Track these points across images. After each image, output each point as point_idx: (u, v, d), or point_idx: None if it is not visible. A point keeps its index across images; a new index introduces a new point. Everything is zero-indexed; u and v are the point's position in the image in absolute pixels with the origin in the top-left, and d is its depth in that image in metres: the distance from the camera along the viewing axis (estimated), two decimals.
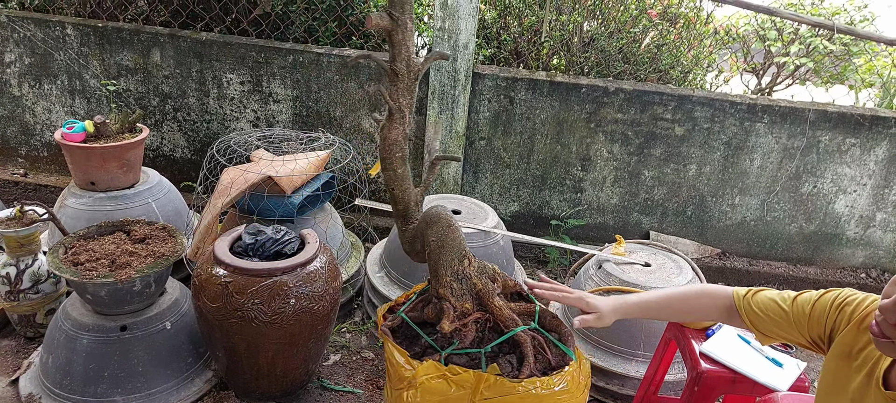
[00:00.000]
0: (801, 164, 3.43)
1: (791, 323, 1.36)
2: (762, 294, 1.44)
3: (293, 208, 2.66)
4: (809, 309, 1.33)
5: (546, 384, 1.24)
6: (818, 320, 1.31)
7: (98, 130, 2.79)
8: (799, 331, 1.35)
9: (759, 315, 1.41)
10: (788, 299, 1.38)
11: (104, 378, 2.24)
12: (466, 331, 1.38)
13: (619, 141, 3.47)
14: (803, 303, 1.35)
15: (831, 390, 1.28)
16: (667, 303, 1.53)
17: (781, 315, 1.37)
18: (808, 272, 3.62)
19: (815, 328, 1.32)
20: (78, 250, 2.28)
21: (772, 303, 1.40)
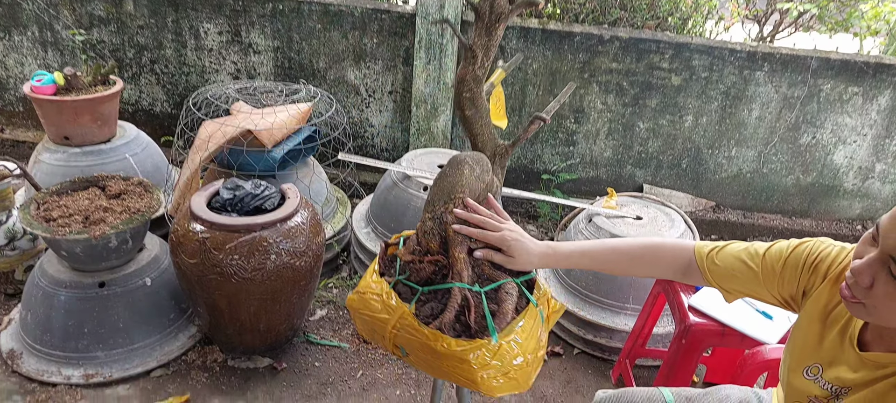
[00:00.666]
0: (801, 115, 3.33)
1: (760, 282, 1.24)
2: (727, 250, 1.30)
3: (274, 163, 2.59)
4: (780, 267, 1.21)
5: (445, 341, 1.20)
6: (790, 278, 1.21)
7: (69, 83, 2.69)
8: (769, 290, 1.24)
9: (723, 271, 1.28)
10: (757, 256, 1.25)
11: (84, 334, 2.21)
12: (420, 267, 1.34)
13: (614, 91, 3.37)
14: (773, 260, 1.23)
15: (803, 349, 1.21)
16: (611, 257, 1.36)
17: (748, 273, 1.25)
18: (804, 224, 3.57)
19: (787, 286, 1.22)
20: (50, 206, 2.22)
21: (737, 262, 1.27)
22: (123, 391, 2.19)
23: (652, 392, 1.55)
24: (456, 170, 1.41)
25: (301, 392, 2.26)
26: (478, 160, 1.45)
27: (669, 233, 2.52)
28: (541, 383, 2.41)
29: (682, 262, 1.33)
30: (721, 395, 1.53)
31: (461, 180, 1.39)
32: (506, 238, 1.32)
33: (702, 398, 1.53)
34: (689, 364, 1.95)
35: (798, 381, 1.21)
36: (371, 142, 3.65)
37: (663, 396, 1.53)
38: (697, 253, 1.32)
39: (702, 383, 2.48)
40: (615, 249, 1.37)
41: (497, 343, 1.19)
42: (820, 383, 1.16)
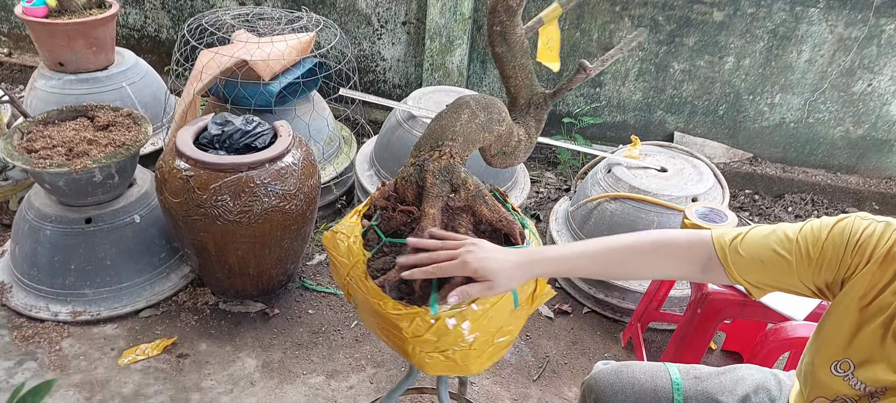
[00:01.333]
0: (857, 58, 3.00)
1: (792, 271, 1.03)
2: (752, 236, 1.08)
3: (271, 97, 2.43)
4: (818, 251, 1.01)
5: (383, 300, 1.08)
6: (830, 263, 1.00)
7: (62, 5, 2.55)
8: (801, 280, 1.04)
9: (750, 264, 1.06)
10: (788, 240, 1.03)
11: (71, 271, 2.14)
12: (390, 216, 1.21)
13: (647, 27, 3.07)
14: (808, 243, 1.02)
15: (833, 341, 1.03)
16: (615, 257, 1.13)
17: (779, 263, 1.04)
18: (849, 181, 3.28)
19: (824, 273, 1.01)
20: (35, 136, 2.12)
21: (766, 250, 1.05)
22: (111, 330, 2.14)
23: (656, 368, 1.38)
24: (452, 112, 1.23)
25: (291, 339, 2.17)
26: (486, 105, 1.25)
27: (696, 188, 2.31)
28: (544, 342, 2.28)
29: (700, 255, 1.10)
30: (735, 376, 1.35)
31: (454, 126, 1.21)
32: (468, 262, 1.05)
33: (713, 378, 1.36)
34: (704, 336, 1.77)
35: (824, 376, 1.04)
36: (382, 77, 3.45)
37: (669, 374, 1.36)
38: (717, 242, 1.09)
39: (719, 351, 2.31)
40: (619, 248, 1.14)
41: (435, 314, 1.05)
42: (850, 381, 1.00)
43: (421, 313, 1.05)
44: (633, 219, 2.28)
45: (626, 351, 2.28)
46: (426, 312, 1.05)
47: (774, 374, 1.36)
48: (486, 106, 1.25)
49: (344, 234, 1.22)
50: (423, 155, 1.21)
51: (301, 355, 2.12)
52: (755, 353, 1.63)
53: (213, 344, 2.12)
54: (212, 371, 2.03)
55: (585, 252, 1.13)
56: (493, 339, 1.10)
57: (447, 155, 1.19)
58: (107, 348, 2.07)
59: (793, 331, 1.60)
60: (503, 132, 1.30)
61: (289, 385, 2.01)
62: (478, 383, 2.09)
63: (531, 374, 2.15)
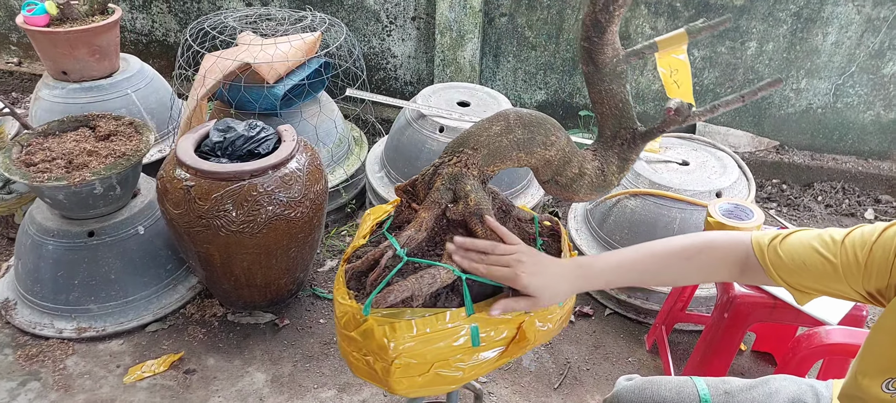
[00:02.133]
0: (887, 39, 2.85)
1: (839, 276, 0.96)
2: (794, 238, 1.02)
3: (276, 100, 2.36)
4: (866, 257, 0.93)
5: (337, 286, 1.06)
6: (880, 269, 0.92)
7: (63, 12, 2.50)
8: (850, 285, 0.96)
9: (790, 266, 1.00)
10: (834, 243, 0.97)
11: (75, 286, 2.10)
12: (401, 210, 1.18)
13: (666, 14, 2.95)
14: (855, 247, 0.95)
15: (885, 355, 0.94)
16: (657, 265, 1.09)
17: (824, 266, 0.97)
18: (882, 167, 3.13)
19: (875, 279, 0.94)
20: (34, 149, 2.07)
21: (809, 252, 0.98)
22: (116, 346, 2.09)
23: (683, 384, 1.28)
24: (485, 122, 1.12)
25: (302, 351, 2.11)
26: (529, 123, 1.13)
27: (720, 181, 2.19)
28: (565, 347, 2.18)
29: (738, 257, 1.05)
30: (769, 389, 1.25)
31: (480, 136, 1.09)
32: (519, 276, 1.01)
33: (744, 392, 1.26)
34: (732, 341, 1.67)
35: (874, 390, 0.95)
36: (393, 75, 3.37)
37: (697, 390, 1.27)
38: (756, 244, 1.03)
39: (750, 353, 2.19)
40: (663, 255, 1.09)
41: (366, 317, 0.97)
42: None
43: (352, 308, 0.99)
44: (654, 217, 2.17)
45: (651, 355, 2.18)
46: (358, 310, 0.98)
47: (811, 385, 1.26)
48: (528, 123, 1.13)
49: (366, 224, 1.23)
50: (444, 157, 1.13)
51: (312, 368, 2.05)
52: (787, 361, 1.52)
53: (222, 359, 2.06)
54: (220, 387, 1.97)
55: (631, 261, 1.10)
56: (430, 368, 1.01)
57: (461, 163, 1.10)
58: (112, 365, 2.02)
59: (827, 337, 1.49)
60: (553, 158, 1.15)
61: (299, 399, 1.94)
62: (496, 392, 2.00)
63: (552, 382, 2.06)
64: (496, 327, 1.03)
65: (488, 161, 1.11)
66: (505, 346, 1.05)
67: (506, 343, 1.05)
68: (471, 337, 1.00)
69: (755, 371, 2.13)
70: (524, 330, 1.04)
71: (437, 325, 0.98)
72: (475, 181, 1.11)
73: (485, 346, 1.02)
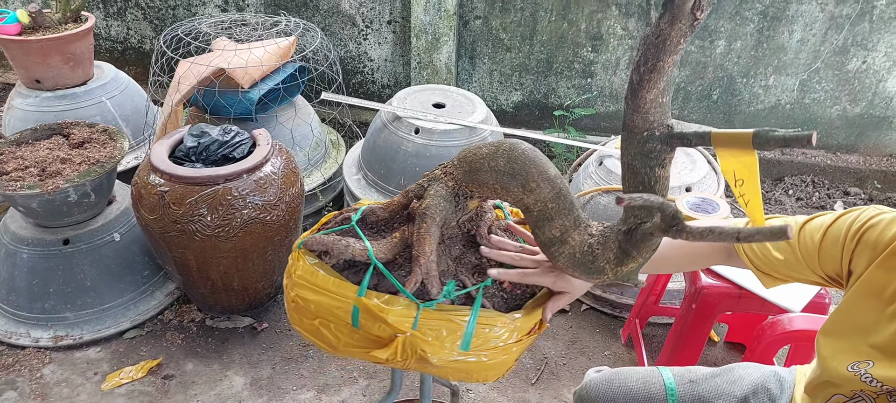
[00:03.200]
0: (850, 36, 2.93)
1: (799, 262, 1.03)
2: None
3: (251, 104, 2.37)
4: (820, 239, 1.00)
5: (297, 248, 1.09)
6: (830, 252, 0.98)
7: (35, 20, 2.49)
8: (810, 267, 1.03)
9: (760, 255, 1.08)
10: (794, 229, 1.04)
11: (50, 294, 2.09)
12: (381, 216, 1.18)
13: (636, 14, 3.01)
14: (812, 232, 1.01)
15: (849, 330, 0.98)
16: (667, 253, 1.13)
17: (788, 253, 1.04)
18: (849, 160, 3.21)
19: (829, 262, 1.00)
20: (6, 157, 2.06)
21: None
22: (94, 353, 2.08)
23: (649, 374, 1.32)
24: (485, 144, 1.08)
25: (281, 354, 2.12)
26: (514, 158, 1.01)
27: (690, 176, 2.24)
28: (542, 342, 2.21)
29: (725, 247, 1.15)
30: (732, 377, 1.29)
31: (470, 153, 1.02)
32: (550, 273, 1.06)
33: (708, 380, 1.29)
34: (701, 332, 1.71)
35: (841, 371, 0.99)
36: (371, 78, 3.39)
37: (663, 379, 1.30)
38: None
39: (722, 343, 2.24)
40: (670, 244, 1.11)
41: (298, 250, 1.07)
42: (867, 379, 0.95)
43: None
44: None
45: (626, 348, 2.22)
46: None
47: (775, 372, 1.30)
48: (514, 158, 1.02)
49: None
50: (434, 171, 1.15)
51: (291, 370, 2.06)
52: (753, 348, 1.57)
53: (200, 363, 2.07)
54: (198, 391, 1.97)
55: None
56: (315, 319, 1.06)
57: (445, 170, 1.12)
58: (90, 372, 2.01)
59: (790, 324, 1.54)
60: (530, 205, 1.02)
61: (278, 402, 1.95)
62: (473, 388, 2.03)
63: (529, 377, 2.09)
64: (374, 322, 1.00)
65: (467, 178, 1.08)
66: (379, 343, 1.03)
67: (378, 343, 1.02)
68: (352, 317, 1.01)
69: (728, 360, 2.17)
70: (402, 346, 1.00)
71: (329, 284, 1.01)
72: (443, 188, 1.10)
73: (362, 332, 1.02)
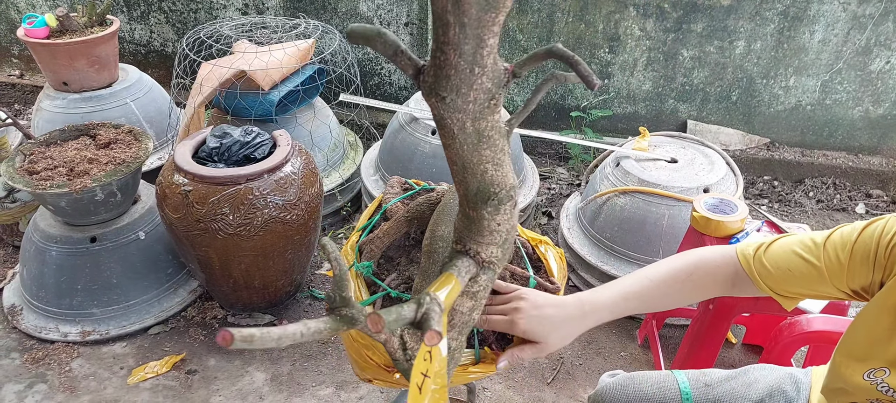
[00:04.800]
0: (873, 36, 2.89)
1: (824, 279, 0.98)
2: (777, 245, 1.03)
3: (271, 106, 2.41)
4: (847, 257, 0.95)
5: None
6: (861, 267, 0.94)
7: (62, 24, 2.56)
8: (835, 285, 0.99)
9: (776, 274, 1.02)
10: (816, 247, 0.99)
11: (78, 291, 2.15)
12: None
13: (654, 15, 3.00)
14: (836, 249, 0.97)
15: (867, 345, 0.96)
16: (654, 294, 1.08)
17: (808, 271, 0.99)
18: (872, 162, 3.17)
19: (858, 278, 0.96)
20: (36, 157, 2.12)
21: (793, 258, 1.00)
22: (120, 349, 2.14)
23: (664, 378, 1.31)
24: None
25: (300, 351, 2.15)
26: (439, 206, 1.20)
27: (708, 178, 2.24)
28: None
29: (728, 273, 1.07)
30: (748, 380, 1.28)
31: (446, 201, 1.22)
32: (516, 322, 0.98)
33: (724, 384, 1.29)
34: (717, 334, 1.71)
35: (857, 380, 0.97)
36: (388, 81, 3.42)
37: (678, 384, 1.30)
38: (741, 257, 1.05)
39: (740, 345, 2.24)
40: (661, 281, 1.08)
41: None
42: (882, 388, 0.93)
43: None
44: (643, 213, 2.22)
45: (643, 349, 2.22)
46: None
47: (791, 374, 1.29)
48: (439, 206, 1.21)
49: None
50: None
51: (310, 367, 2.10)
52: (770, 350, 1.57)
53: (222, 359, 2.11)
54: (220, 386, 2.01)
55: (632, 292, 1.08)
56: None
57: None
58: (116, 367, 2.07)
59: (808, 325, 1.53)
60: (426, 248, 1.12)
61: (298, 397, 1.99)
62: (490, 387, 2.05)
63: (545, 376, 2.10)
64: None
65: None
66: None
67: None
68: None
69: (745, 363, 2.15)
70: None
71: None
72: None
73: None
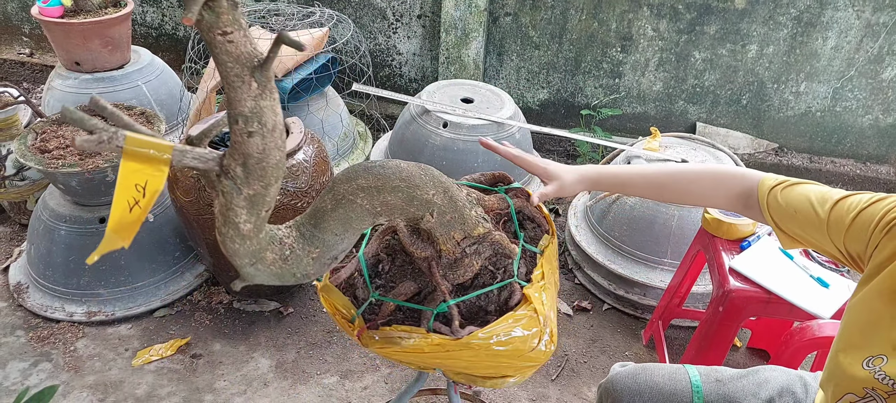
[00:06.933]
0: (886, 44, 2.89)
1: (824, 232, 1.03)
2: (797, 188, 1.08)
3: (284, 93, 2.41)
4: (850, 220, 0.99)
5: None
6: (858, 235, 0.98)
7: (77, 5, 2.55)
8: (833, 240, 1.02)
9: (784, 210, 1.08)
10: (828, 200, 1.03)
11: (85, 271, 2.15)
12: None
13: (667, 16, 2.99)
14: (844, 211, 1.00)
15: (864, 332, 0.97)
16: (660, 181, 1.22)
17: (813, 218, 1.04)
18: (880, 171, 3.17)
19: (854, 243, 0.99)
20: (48, 136, 2.12)
21: (804, 203, 1.05)
22: (125, 330, 2.14)
23: (676, 371, 1.32)
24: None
25: (306, 339, 2.15)
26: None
27: None
28: (563, 340, 2.23)
29: (743, 190, 1.15)
30: (759, 379, 1.29)
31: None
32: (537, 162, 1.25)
33: (735, 381, 1.30)
34: (726, 335, 1.71)
35: (854, 369, 0.98)
36: (398, 72, 3.42)
37: (689, 377, 1.31)
38: (761, 184, 1.12)
39: (745, 349, 2.24)
40: (675, 171, 1.23)
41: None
42: (880, 376, 0.93)
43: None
44: (653, 213, 2.22)
45: (648, 350, 2.22)
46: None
47: (800, 376, 1.30)
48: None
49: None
50: None
51: (315, 355, 2.10)
52: (780, 353, 1.57)
53: (227, 344, 2.11)
54: (225, 371, 2.02)
55: (639, 174, 1.25)
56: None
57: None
58: (121, 348, 2.07)
59: (819, 330, 1.53)
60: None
61: (302, 385, 1.99)
62: None
63: (550, 373, 2.11)
64: None
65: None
66: None
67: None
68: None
69: (749, 366, 2.17)
70: None
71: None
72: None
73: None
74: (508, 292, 1.13)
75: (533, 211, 1.29)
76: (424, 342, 1.06)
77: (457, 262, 1.10)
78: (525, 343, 1.06)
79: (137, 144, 0.74)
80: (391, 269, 1.21)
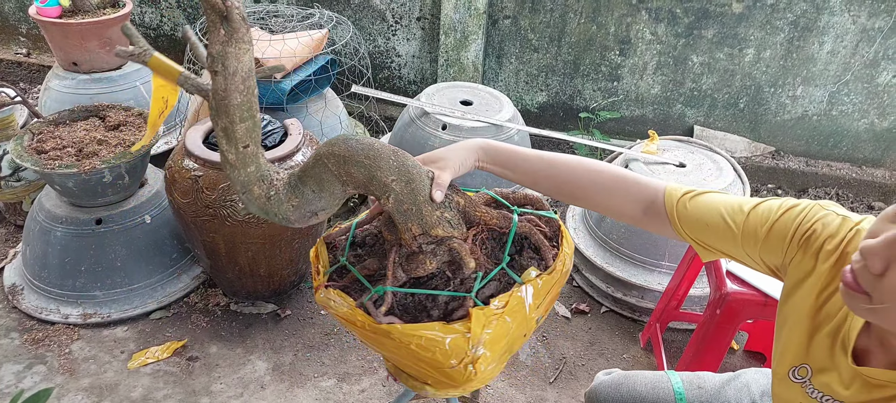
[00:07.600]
0: (882, 49, 2.90)
1: (738, 243, 0.98)
2: (706, 197, 1.02)
3: (283, 95, 2.40)
4: (765, 231, 0.95)
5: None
6: (774, 247, 0.94)
7: (75, 5, 2.55)
8: (748, 253, 0.98)
9: (693, 221, 1.02)
10: (740, 212, 0.98)
11: (81, 272, 2.14)
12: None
13: (666, 19, 3.00)
14: (757, 221, 0.96)
15: (788, 347, 0.94)
16: (565, 172, 1.10)
17: (725, 230, 0.98)
18: (875, 175, 3.18)
19: (772, 255, 0.96)
20: (45, 137, 2.11)
21: (714, 214, 0.99)
22: (121, 332, 2.13)
23: (659, 379, 1.31)
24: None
25: (303, 341, 2.15)
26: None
27: (716, 183, 2.24)
28: (561, 342, 2.23)
29: (645, 197, 1.07)
30: (741, 383, 1.28)
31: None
32: (428, 156, 1.12)
33: (717, 387, 1.29)
34: (723, 338, 1.71)
35: (783, 387, 0.95)
36: (397, 74, 3.42)
37: (672, 385, 1.30)
38: (668, 193, 1.05)
39: (742, 352, 2.24)
40: (579, 165, 1.10)
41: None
42: (807, 388, 0.91)
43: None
44: None
45: (645, 352, 2.22)
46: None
47: None
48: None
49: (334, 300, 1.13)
50: None
51: (312, 357, 2.09)
52: (769, 357, 1.57)
53: (224, 347, 2.10)
54: (222, 374, 2.01)
55: (546, 158, 1.12)
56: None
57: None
58: (117, 351, 2.06)
59: None
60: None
61: (299, 388, 1.98)
62: (492, 385, 2.04)
63: (547, 376, 2.10)
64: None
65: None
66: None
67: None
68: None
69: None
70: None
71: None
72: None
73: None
74: (458, 303, 1.06)
75: (540, 240, 1.14)
76: (352, 314, 1.04)
77: (413, 255, 1.07)
78: (446, 358, 1.02)
79: (159, 62, 0.98)
80: (375, 245, 1.20)
